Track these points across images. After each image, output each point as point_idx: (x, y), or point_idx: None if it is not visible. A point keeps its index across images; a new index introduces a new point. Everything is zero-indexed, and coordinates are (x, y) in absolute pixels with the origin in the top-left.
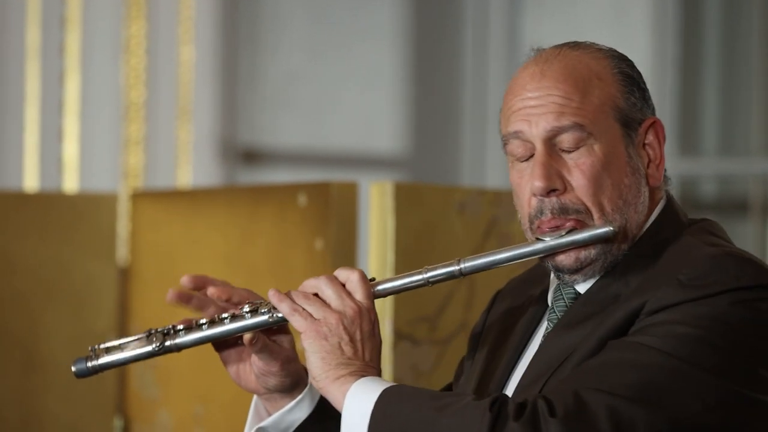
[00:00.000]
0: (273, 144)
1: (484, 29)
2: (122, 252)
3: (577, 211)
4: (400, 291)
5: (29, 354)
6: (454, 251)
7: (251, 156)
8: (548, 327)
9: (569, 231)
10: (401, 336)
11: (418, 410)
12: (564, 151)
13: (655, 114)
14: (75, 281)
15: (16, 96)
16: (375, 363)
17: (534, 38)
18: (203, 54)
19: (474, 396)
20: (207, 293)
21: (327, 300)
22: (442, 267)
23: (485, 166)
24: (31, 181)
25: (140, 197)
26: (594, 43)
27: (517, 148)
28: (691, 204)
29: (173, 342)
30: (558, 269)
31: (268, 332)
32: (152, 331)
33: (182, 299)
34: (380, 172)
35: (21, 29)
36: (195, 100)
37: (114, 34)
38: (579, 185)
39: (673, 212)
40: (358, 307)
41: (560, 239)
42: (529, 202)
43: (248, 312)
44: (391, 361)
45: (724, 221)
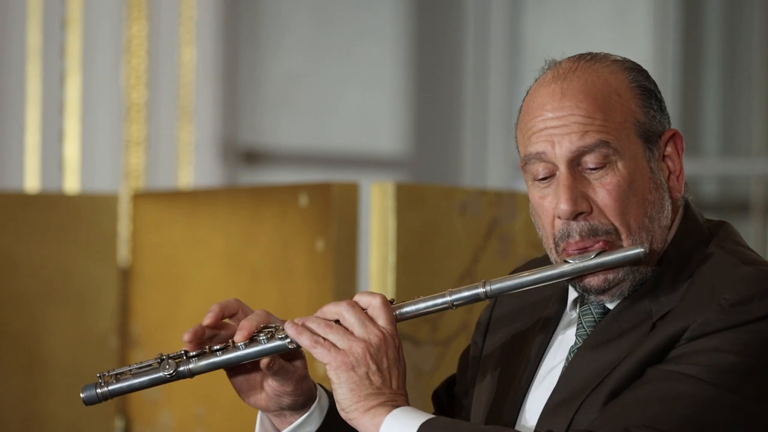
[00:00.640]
0: (274, 144)
1: (485, 29)
2: (123, 252)
3: (607, 232)
4: (424, 314)
5: (30, 354)
6: (455, 252)
7: (252, 156)
8: (577, 342)
9: (598, 253)
10: (402, 336)
11: None
12: (588, 171)
13: (671, 122)
14: (76, 282)
15: (17, 97)
16: (403, 390)
17: (535, 38)
18: (204, 55)
19: (516, 431)
20: (206, 326)
21: (349, 327)
22: (467, 290)
23: (486, 167)
24: (33, 182)
25: (141, 198)
26: (608, 54)
27: (539, 169)
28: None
29: (187, 368)
30: (585, 290)
31: (284, 354)
32: (163, 357)
33: (198, 335)
34: (381, 173)
35: (22, 30)
36: (196, 101)
37: (115, 35)
38: (605, 205)
39: (693, 219)
40: (383, 334)
41: (589, 261)
42: (553, 224)
43: (265, 337)
44: None
45: None
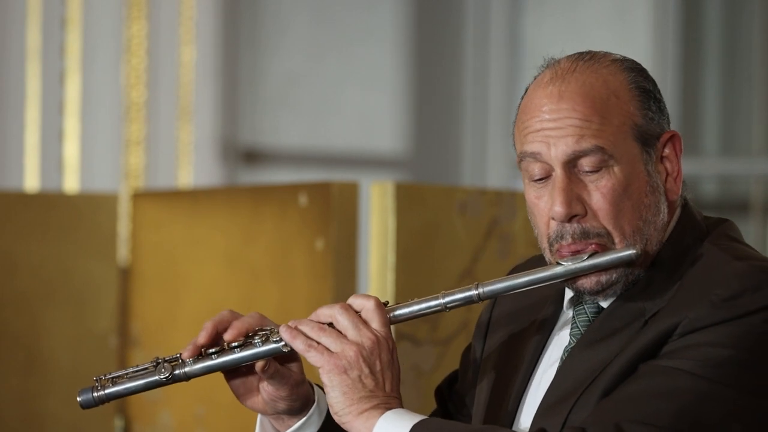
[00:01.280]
0: (274, 144)
1: (485, 29)
2: (123, 252)
3: (599, 235)
4: (417, 316)
5: (30, 354)
6: (455, 251)
7: (252, 156)
8: (571, 342)
9: (591, 255)
10: (402, 336)
11: None
12: (583, 174)
13: (670, 121)
14: (76, 281)
15: (17, 96)
16: (396, 392)
17: (535, 38)
18: (204, 54)
19: (511, 430)
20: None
21: (343, 330)
22: (460, 292)
23: (486, 166)
24: (32, 182)
25: (141, 197)
26: (608, 53)
27: (534, 169)
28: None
29: (182, 371)
30: (579, 292)
31: (279, 358)
32: (159, 360)
33: (210, 334)
34: (381, 172)
35: (22, 30)
36: (196, 101)
37: (115, 35)
38: (599, 209)
39: (691, 218)
40: (376, 337)
41: (581, 263)
42: (548, 224)
43: (260, 340)
44: None
45: None
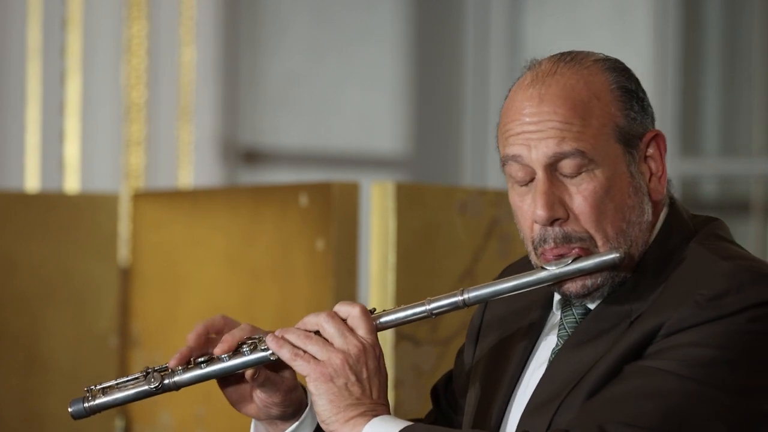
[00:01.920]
0: (274, 144)
1: (485, 29)
2: (123, 252)
3: (581, 239)
4: (403, 323)
5: (30, 354)
6: (456, 251)
7: (252, 156)
8: (558, 344)
9: (575, 259)
10: (402, 336)
11: None
12: (565, 176)
13: (655, 120)
14: (76, 281)
15: (18, 96)
16: (383, 399)
17: (535, 38)
18: (204, 54)
19: None
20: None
21: (329, 338)
22: (446, 298)
23: (486, 167)
24: (33, 182)
25: (141, 197)
26: (590, 53)
27: (517, 172)
28: (693, 205)
29: (172, 380)
30: (565, 296)
31: (270, 365)
32: (149, 370)
33: (201, 337)
34: (381, 173)
35: (22, 30)
36: (196, 101)
37: (115, 35)
38: (581, 212)
39: (678, 217)
40: (362, 344)
41: (566, 267)
42: (532, 228)
43: (248, 349)
44: (393, 362)
45: (726, 222)
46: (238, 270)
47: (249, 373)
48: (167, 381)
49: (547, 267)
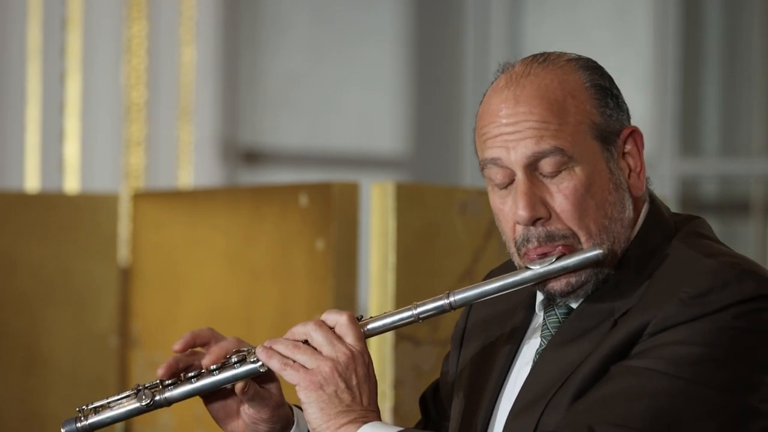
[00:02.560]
0: (274, 144)
1: (485, 29)
2: (123, 252)
3: (564, 237)
4: (391, 329)
5: (30, 354)
6: (456, 251)
7: (252, 156)
8: (542, 344)
9: (558, 257)
10: (403, 336)
11: None
12: (545, 176)
13: (630, 117)
14: (76, 282)
15: (18, 96)
16: (374, 406)
17: (535, 38)
18: (204, 54)
19: None
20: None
21: (318, 347)
22: (432, 302)
23: None
24: (33, 182)
25: (141, 198)
26: (562, 53)
27: (496, 175)
28: (693, 204)
29: (163, 397)
30: (550, 294)
31: (258, 379)
32: (140, 387)
33: (188, 345)
34: (381, 173)
35: (22, 30)
36: (196, 101)
37: (115, 35)
38: (563, 210)
39: (659, 216)
40: (351, 352)
41: (550, 266)
42: (514, 229)
43: (237, 362)
44: (393, 362)
45: (726, 222)
46: (238, 270)
47: (239, 387)
48: (158, 398)
49: (531, 266)
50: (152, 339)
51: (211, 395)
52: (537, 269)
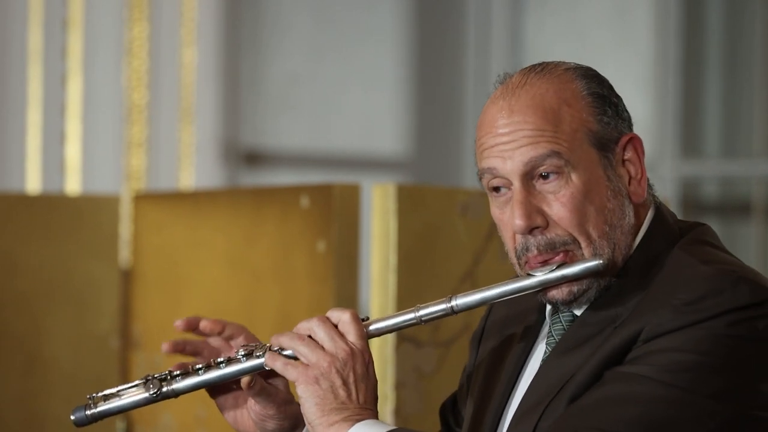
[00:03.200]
0: (275, 146)
1: (487, 30)
2: (124, 254)
3: (565, 243)
4: (393, 330)
5: (31, 355)
6: (457, 253)
7: (253, 158)
8: (546, 351)
9: (559, 265)
10: (404, 338)
11: None
12: (542, 185)
13: (632, 124)
14: (77, 283)
15: (19, 98)
16: (370, 405)
17: (536, 39)
18: (205, 56)
19: None
20: (200, 327)
21: (320, 342)
22: (435, 305)
23: None
24: (34, 183)
25: (142, 199)
26: (561, 63)
27: (495, 184)
28: (694, 206)
29: (170, 388)
30: (552, 303)
31: (265, 375)
32: (149, 377)
33: (177, 348)
34: (382, 174)
35: (23, 31)
36: (197, 102)
37: (116, 36)
38: (561, 217)
39: (663, 223)
40: (351, 349)
41: (551, 274)
42: (514, 238)
43: (244, 355)
44: (394, 363)
45: (727, 223)
46: (239, 271)
47: (245, 381)
48: (166, 388)
49: (534, 273)
50: (153, 340)
51: (219, 392)
52: (539, 276)
